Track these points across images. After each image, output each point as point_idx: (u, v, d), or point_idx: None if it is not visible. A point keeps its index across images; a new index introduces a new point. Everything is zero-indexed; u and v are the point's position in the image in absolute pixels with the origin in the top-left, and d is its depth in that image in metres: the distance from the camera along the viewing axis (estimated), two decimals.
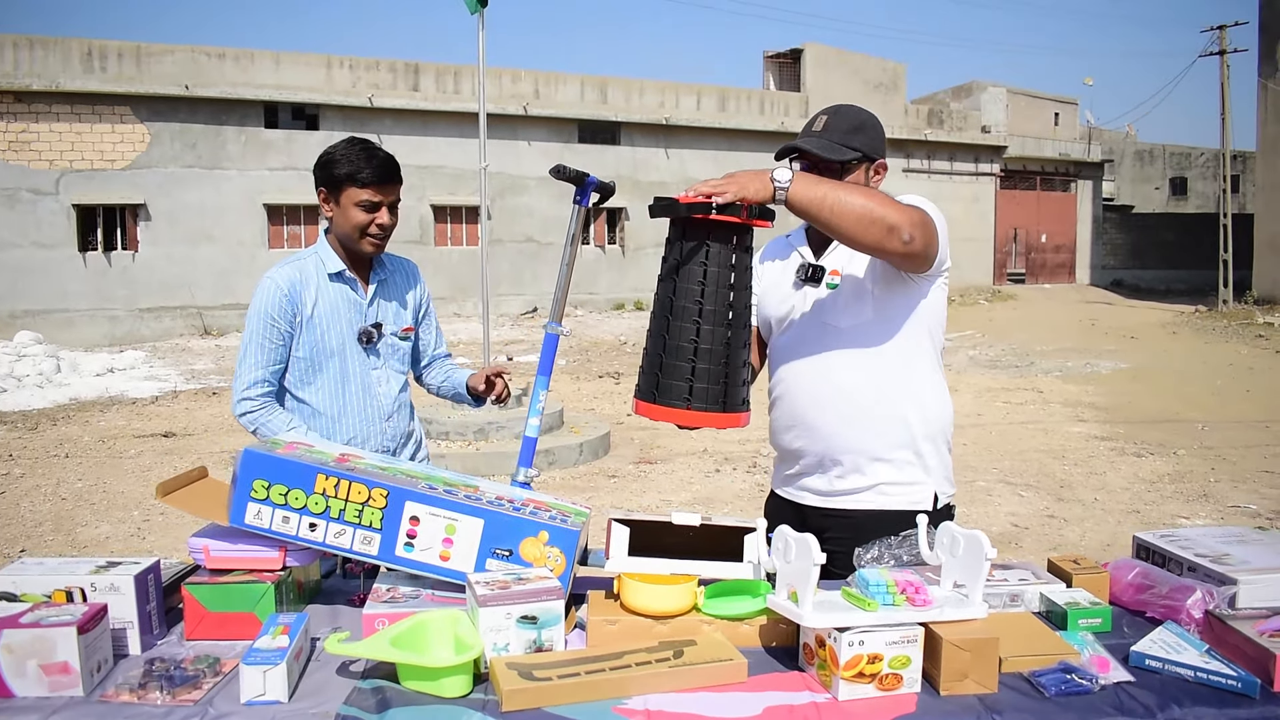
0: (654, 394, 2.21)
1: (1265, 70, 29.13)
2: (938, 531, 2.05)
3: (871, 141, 2.51)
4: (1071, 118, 39.62)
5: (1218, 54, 29.79)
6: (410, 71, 24.61)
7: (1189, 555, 2.32)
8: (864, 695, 1.73)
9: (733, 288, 2.16)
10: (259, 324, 2.82)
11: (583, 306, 26.04)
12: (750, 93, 29.49)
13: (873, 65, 31.48)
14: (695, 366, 2.16)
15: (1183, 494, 7.43)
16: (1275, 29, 28.73)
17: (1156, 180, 46.24)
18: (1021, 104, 36.55)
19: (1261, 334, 20.97)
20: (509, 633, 1.78)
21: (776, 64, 31.40)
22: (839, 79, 30.39)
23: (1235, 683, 1.87)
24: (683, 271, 2.17)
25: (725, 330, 2.17)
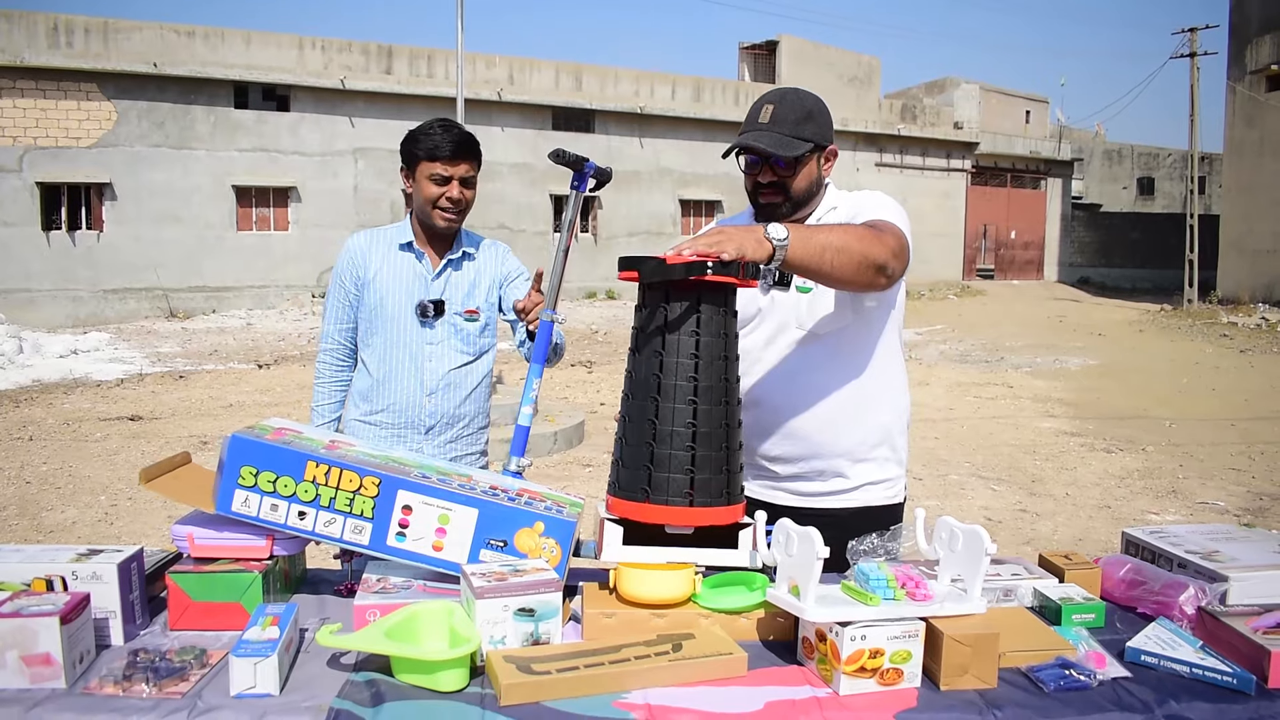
0: (645, 491, 1.89)
1: (1234, 73, 29.46)
2: (936, 526, 2.03)
3: (821, 129, 2.43)
4: (1043, 116, 39.92)
5: (1188, 56, 30.10)
6: (383, 54, 24.39)
7: (1179, 552, 2.33)
8: (865, 690, 1.71)
9: (726, 359, 1.91)
10: (333, 283, 3.04)
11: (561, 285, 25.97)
12: (725, 83, 29.48)
13: (847, 59, 31.55)
14: (695, 455, 1.88)
15: (1152, 490, 7.50)
16: (1244, 33, 29.06)
17: (1124, 180, 46.70)
18: (994, 101, 36.77)
19: (1226, 333, 21.23)
20: (506, 625, 1.75)
21: (752, 55, 31.42)
22: (813, 72, 30.44)
23: (1231, 679, 1.87)
24: (669, 343, 1.87)
25: (723, 409, 1.91)
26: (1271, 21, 28.15)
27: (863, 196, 2.45)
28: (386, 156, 24.21)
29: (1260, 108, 28.33)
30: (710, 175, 28.85)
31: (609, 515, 1.96)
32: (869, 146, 31.70)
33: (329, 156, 23.71)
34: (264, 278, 23.02)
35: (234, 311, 21.96)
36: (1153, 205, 45.83)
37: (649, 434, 1.89)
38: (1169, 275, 34.91)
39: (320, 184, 23.59)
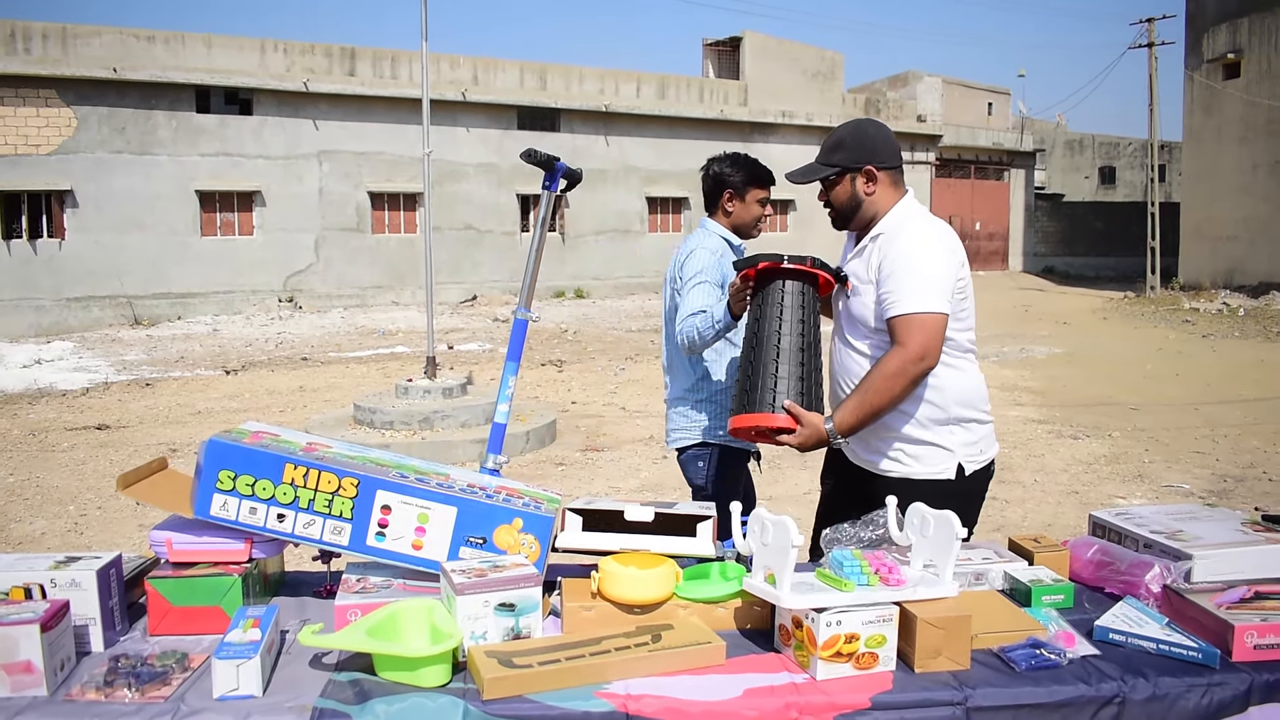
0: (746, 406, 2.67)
1: (1191, 62, 29.84)
2: (907, 513, 2.07)
3: (852, 153, 2.72)
4: (1004, 108, 40.24)
5: (1146, 46, 30.40)
6: (346, 56, 24.23)
7: (1144, 532, 2.38)
8: (842, 674, 1.75)
9: (803, 324, 2.65)
10: (709, 276, 3.35)
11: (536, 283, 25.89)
12: (690, 80, 29.51)
13: (811, 54, 31.66)
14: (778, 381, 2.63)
15: (1119, 475, 7.60)
16: (1201, 23, 29.44)
17: (1086, 169, 47.18)
18: (956, 94, 37.02)
19: (1188, 319, 21.51)
20: (487, 620, 1.77)
21: (716, 52, 31.46)
22: (778, 67, 30.53)
23: (1196, 654, 1.92)
24: (770, 313, 2.67)
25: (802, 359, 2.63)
26: (1227, 11, 28.54)
27: (896, 247, 2.64)
28: (351, 159, 24.06)
29: (1217, 96, 28.72)
30: (676, 172, 28.88)
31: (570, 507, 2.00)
32: None
33: (293, 160, 23.54)
34: (230, 283, 22.82)
35: (200, 317, 21.76)
36: (1114, 194, 46.32)
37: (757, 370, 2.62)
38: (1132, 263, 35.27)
39: (284, 188, 23.42)
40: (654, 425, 9.25)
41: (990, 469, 2.84)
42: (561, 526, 2.02)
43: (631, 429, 9.08)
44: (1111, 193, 46.52)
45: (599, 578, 1.92)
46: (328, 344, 16.85)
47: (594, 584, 1.92)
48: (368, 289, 24.37)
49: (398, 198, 24.77)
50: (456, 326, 19.36)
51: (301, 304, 23.31)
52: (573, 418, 9.63)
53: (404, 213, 24.96)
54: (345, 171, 24.06)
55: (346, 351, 15.73)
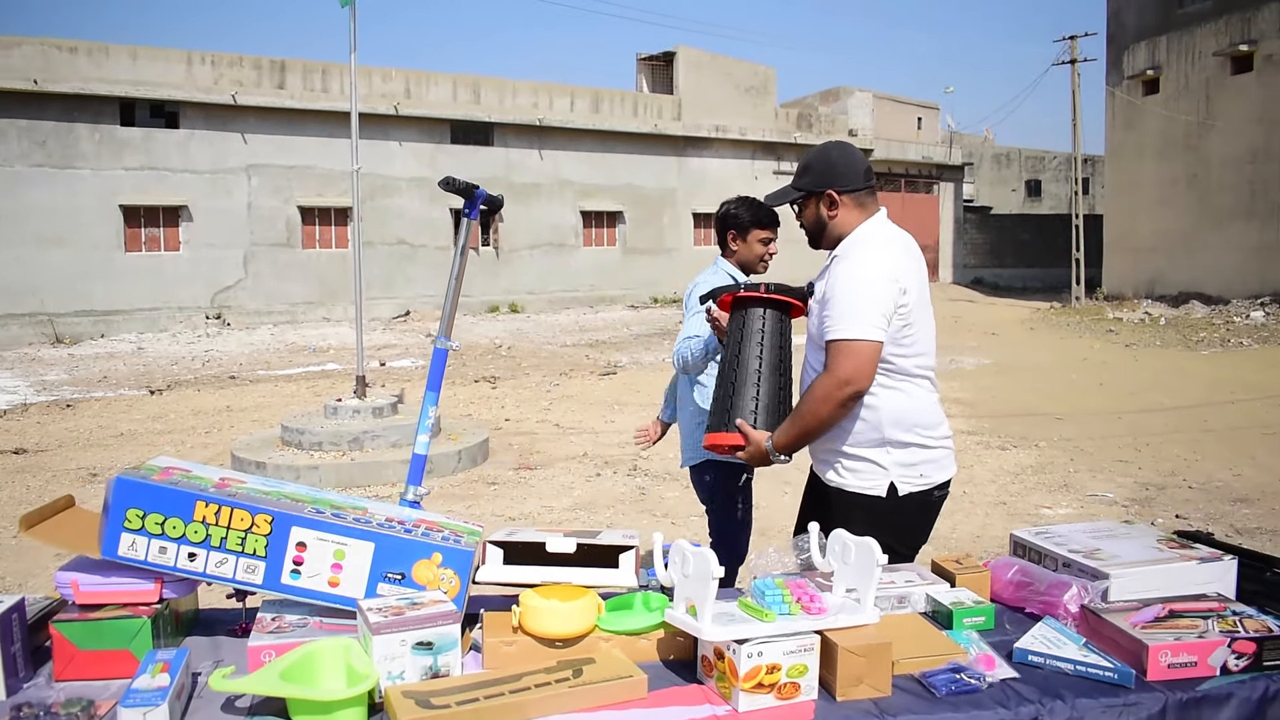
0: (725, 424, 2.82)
1: (1112, 79, 30.62)
2: (829, 539, 2.08)
3: (815, 178, 2.84)
4: (933, 122, 40.93)
5: (1069, 63, 31.15)
6: (276, 69, 23.92)
7: (1063, 552, 2.42)
8: (763, 705, 1.74)
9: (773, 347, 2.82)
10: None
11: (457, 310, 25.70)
12: (624, 94, 29.60)
13: (744, 69, 31.94)
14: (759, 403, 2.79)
15: (1045, 485, 7.74)
16: (1122, 40, 30.22)
17: (1013, 182, 48.15)
18: (886, 109, 37.59)
19: (1111, 329, 22.03)
20: (404, 660, 1.73)
21: (649, 66, 31.60)
22: (711, 82, 30.75)
23: (1112, 674, 1.95)
24: (747, 336, 2.82)
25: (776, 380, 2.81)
26: (1146, 29, 29.34)
27: (838, 272, 2.74)
28: (281, 173, 23.73)
29: (1138, 112, 29.50)
30: (611, 186, 28.94)
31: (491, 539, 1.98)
32: (767, 155, 32.13)
33: (221, 174, 23.16)
34: (155, 300, 22.35)
35: (124, 335, 21.26)
36: (1040, 206, 47.31)
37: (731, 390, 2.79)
38: (1058, 274, 36.04)
39: (212, 202, 23.02)
40: (588, 442, 9.22)
41: (933, 494, 2.84)
42: (482, 560, 1.99)
43: (565, 446, 9.04)
44: (1038, 205, 47.52)
45: (519, 611, 1.89)
46: (256, 362, 16.58)
47: (515, 618, 1.90)
48: (298, 305, 24.04)
49: (329, 212, 24.48)
50: (389, 343, 19.16)
51: (230, 321, 22.92)
52: (506, 435, 9.57)
53: (335, 227, 24.68)
54: (275, 186, 23.73)
55: (276, 369, 15.48)
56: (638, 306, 28.58)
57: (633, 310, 27.68)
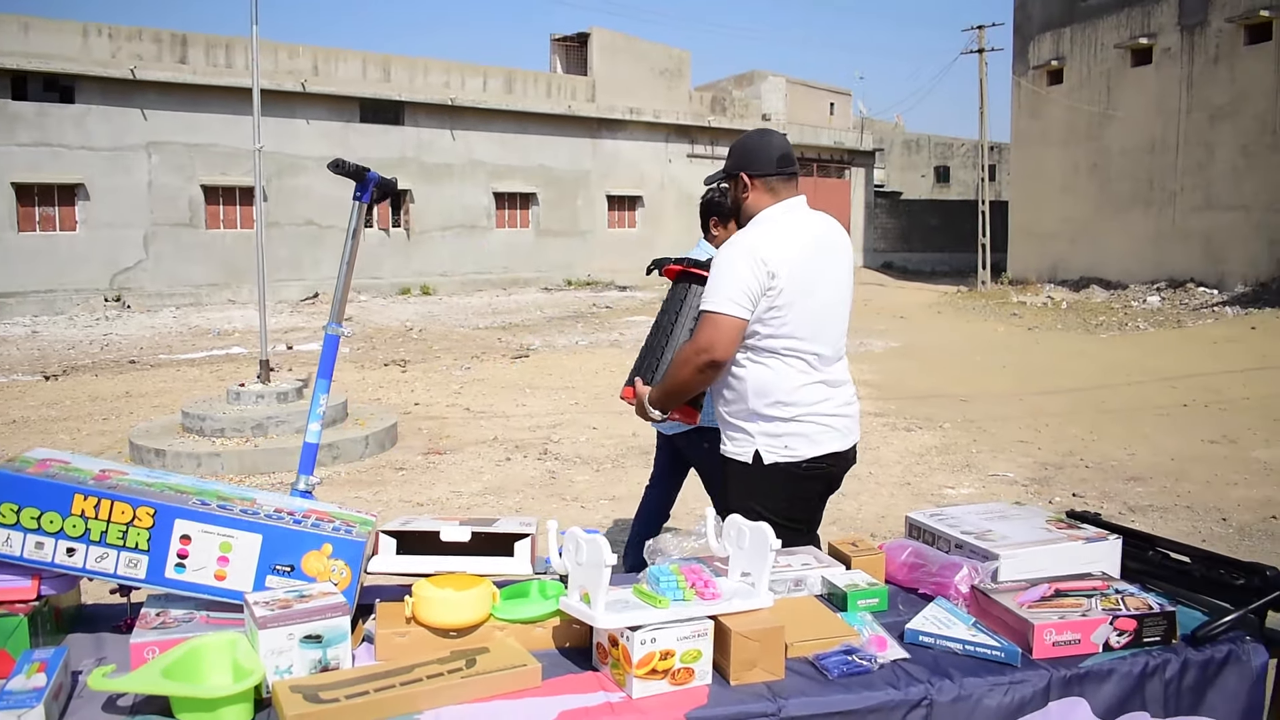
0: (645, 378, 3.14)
1: (1018, 68, 31.32)
2: (725, 524, 2.09)
3: (733, 161, 3.01)
4: (845, 108, 41.44)
5: (977, 52, 31.78)
6: (177, 43, 23.20)
7: (956, 533, 2.47)
8: (657, 691, 1.74)
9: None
10: None
11: (366, 292, 25.33)
12: (537, 75, 29.38)
13: (658, 51, 31.94)
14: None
15: (948, 465, 7.91)
16: (1028, 31, 30.92)
17: (923, 168, 49.08)
18: (799, 94, 37.93)
19: (1015, 312, 22.60)
20: (292, 654, 1.70)
21: (564, 47, 31.40)
22: (625, 64, 30.69)
23: (999, 653, 2.00)
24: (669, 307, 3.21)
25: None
26: (1051, 21, 30.06)
27: (722, 248, 2.93)
28: (183, 151, 23.07)
29: (1042, 101, 30.23)
30: (524, 167, 28.74)
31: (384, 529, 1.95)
32: (681, 138, 32.20)
33: (120, 151, 22.42)
34: (50, 281, 21.58)
35: (17, 319, 20.48)
36: (949, 192, 48.31)
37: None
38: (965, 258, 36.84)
39: (111, 180, 22.27)
40: (498, 426, 9.16)
41: (801, 467, 2.93)
42: (375, 550, 1.96)
43: (476, 430, 8.97)
44: (946, 191, 48.51)
45: (412, 602, 1.87)
46: (158, 345, 16.12)
47: (408, 608, 1.87)
48: (202, 287, 23.44)
49: (233, 191, 23.88)
50: (297, 325, 18.79)
51: (130, 303, 22.25)
52: (415, 419, 9.46)
53: (240, 207, 24.08)
54: (177, 164, 23.07)
55: (178, 353, 15.08)
56: (551, 289, 28.48)
57: (546, 293, 27.57)
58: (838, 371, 3.01)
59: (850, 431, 3.03)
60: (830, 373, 2.98)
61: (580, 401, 10.58)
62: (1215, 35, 24.76)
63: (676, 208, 31.35)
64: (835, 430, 2.97)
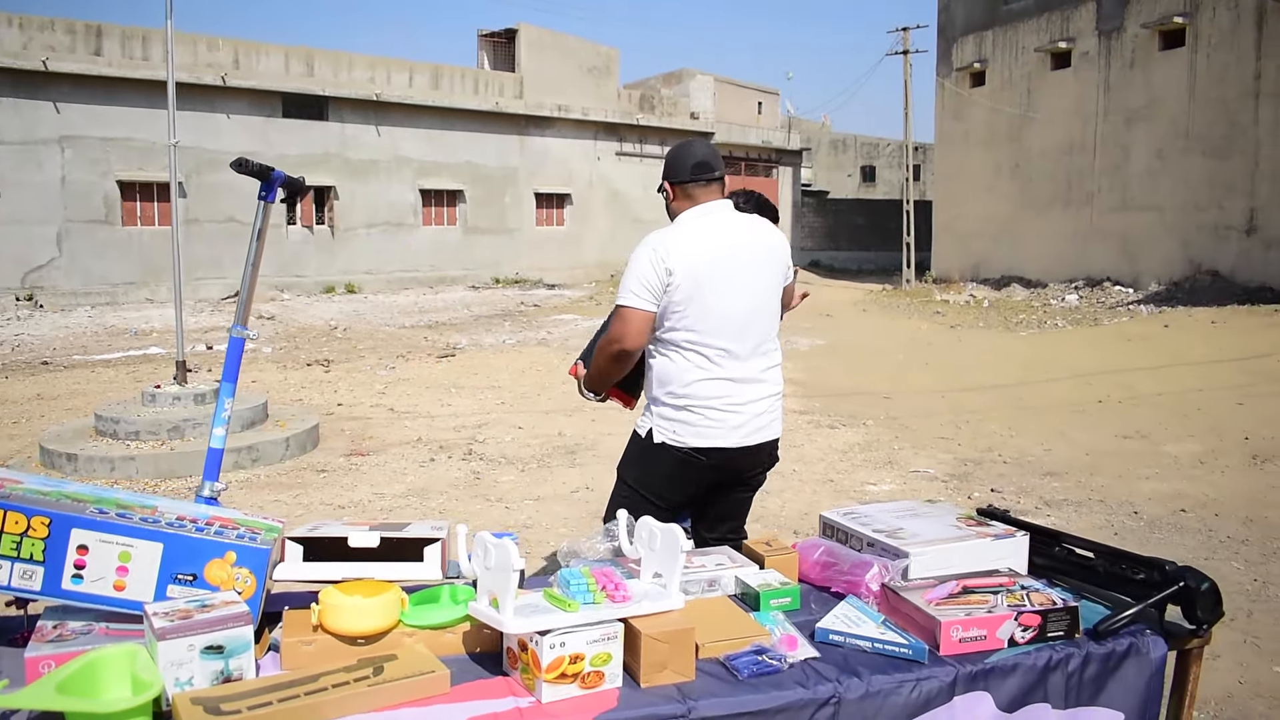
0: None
1: (942, 70, 31.86)
2: (637, 526, 2.10)
3: (663, 170, 3.24)
4: (773, 107, 41.77)
5: (902, 54, 32.24)
6: (92, 34, 22.58)
7: (868, 531, 2.50)
8: (567, 695, 1.74)
9: None
10: None
11: (289, 290, 24.92)
12: (465, 71, 29.15)
13: (587, 49, 31.89)
14: None
15: (871, 462, 8.02)
16: (951, 33, 31.46)
17: (849, 168, 49.65)
18: (728, 92, 38.15)
19: (939, 310, 22.99)
20: (193, 665, 1.66)
21: (491, 43, 31.20)
22: (553, 61, 30.59)
23: (907, 650, 2.03)
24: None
25: None
26: (974, 23, 30.61)
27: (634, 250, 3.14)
28: (98, 145, 22.46)
29: (965, 103, 30.78)
30: (451, 164, 28.49)
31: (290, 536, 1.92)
32: (609, 136, 32.19)
33: (31, 145, 21.74)
34: None
35: None
36: (875, 191, 48.95)
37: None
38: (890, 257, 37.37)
39: (21, 176, 21.59)
40: (423, 426, 9.08)
41: (690, 454, 3.08)
42: (281, 557, 1.93)
43: (400, 431, 8.88)
44: (872, 190, 49.14)
45: (319, 609, 1.84)
46: (72, 346, 15.69)
47: (314, 616, 1.85)
48: (119, 286, 22.84)
49: (151, 188, 23.30)
50: (218, 325, 18.41)
51: (42, 302, 21.61)
52: (338, 420, 9.33)
53: (158, 204, 23.50)
54: (91, 159, 22.45)
55: (94, 354, 14.68)
56: (479, 287, 28.28)
57: (474, 291, 27.38)
58: (747, 370, 3.09)
59: (750, 431, 3.10)
60: (735, 370, 3.07)
61: (506, 401, 10.53)
62: (1131, 40, 25.44)
63: (605, 206, 31.35)
64: (726, 427, 3.07)
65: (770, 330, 3.19)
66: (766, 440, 3.16)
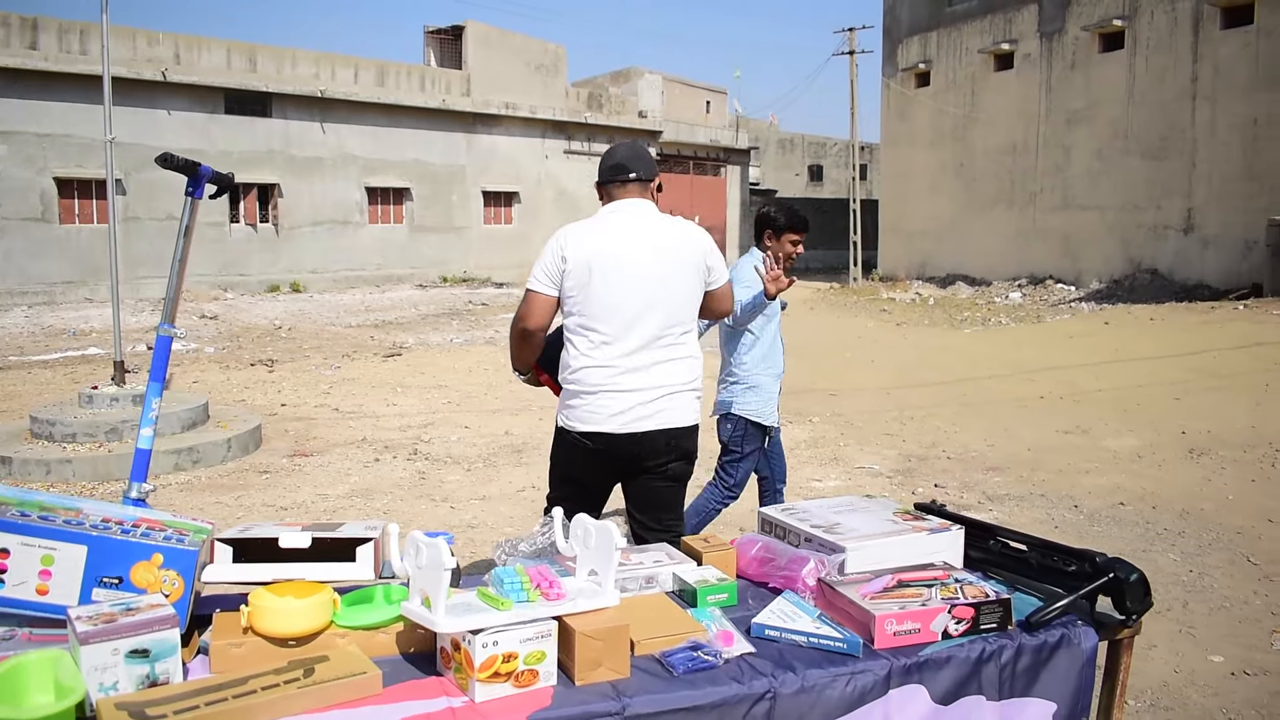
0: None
1: (887, 71, 32.18)
2: (572, 524, 2.09)
3: None
4: (721, 106, 41.92)
5: (848, 54, 32.52)
6: (28, 27, 22.07)
7: (805, 527, 2.51)
8: (501, 694, 1.73)
9: None
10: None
11: (234, 289, 24.56)
12: (411, 68, 28.91)
13: (534, 46, 31.77)
14: None
15: (817, 458, 8.07)
16: (896, 34, 31.80)
17: (797, 167, 50.02)
18: (676, 91, 38.22)
19: (885, 308, 23.22)
20: (117, 670, 1.63)
21: (438, 40, 30.97)
22: (501, 59, 30.44)
23: (841, 644, 2.05)
24: None
25: None
26: (918, 24, 30.96)
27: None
28: (34, 141, 21.96)
29: (910, 103, 31.13)
30: (398, 162, 28.25)
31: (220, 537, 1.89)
32: (557, 134, 32.10)
33: None
34: None
35: None
36: (822, 190, 49.36)
37: None
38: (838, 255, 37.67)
39: None
40: (368, 426, 9.00)
41: (577, 436, 3.23)
42: (210, 559, 1.90)
43: (344, 431, 8.79)
44: (820, 189, 49.53)
45: (248, 611, 1.81)
46: (8, 346, 15.34)
47: (244, 618, 1.82)
48: (57, 285, 22.36)
49: (89, 185, 22.82)
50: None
51: None
52: (281, 421, 9.21)
53: (97, 201, 23.02)
54: (27, 155, 21.94)
55: (30, 355, 14.37)
56: (426, 286, 28.08)
57: (421, 290, 27.17)
58: (636, 360, 3.16)
59: (633, 419, 3.16)
60: (622, 359, 3.16)
61: (453, 400, 10.46)
62: (1072, 43, 25.87)
63: (554, 204, 31.25)
64: (606, 413, 3.17)
65: (673, 326, 3.21)
66: (659, 429, 3.19)
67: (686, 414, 3.26)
